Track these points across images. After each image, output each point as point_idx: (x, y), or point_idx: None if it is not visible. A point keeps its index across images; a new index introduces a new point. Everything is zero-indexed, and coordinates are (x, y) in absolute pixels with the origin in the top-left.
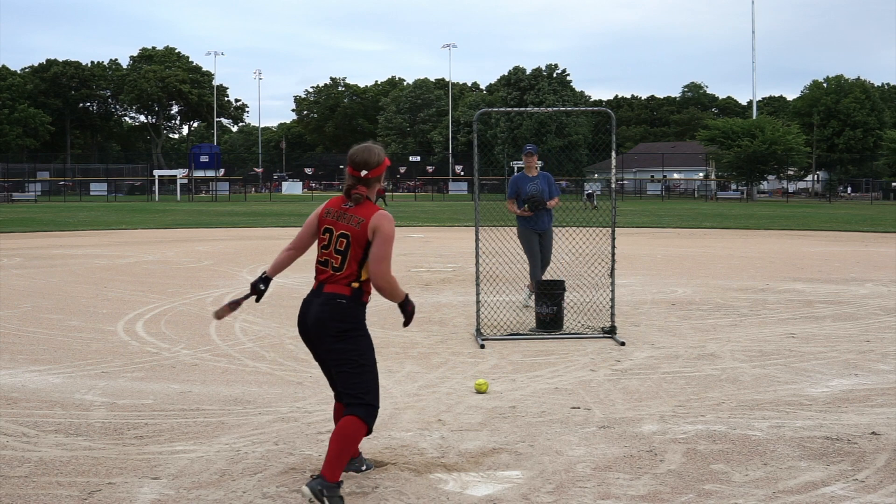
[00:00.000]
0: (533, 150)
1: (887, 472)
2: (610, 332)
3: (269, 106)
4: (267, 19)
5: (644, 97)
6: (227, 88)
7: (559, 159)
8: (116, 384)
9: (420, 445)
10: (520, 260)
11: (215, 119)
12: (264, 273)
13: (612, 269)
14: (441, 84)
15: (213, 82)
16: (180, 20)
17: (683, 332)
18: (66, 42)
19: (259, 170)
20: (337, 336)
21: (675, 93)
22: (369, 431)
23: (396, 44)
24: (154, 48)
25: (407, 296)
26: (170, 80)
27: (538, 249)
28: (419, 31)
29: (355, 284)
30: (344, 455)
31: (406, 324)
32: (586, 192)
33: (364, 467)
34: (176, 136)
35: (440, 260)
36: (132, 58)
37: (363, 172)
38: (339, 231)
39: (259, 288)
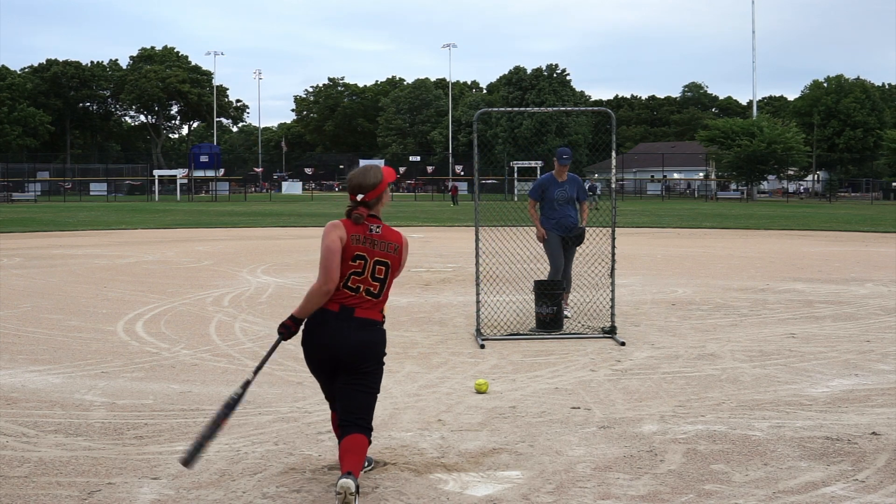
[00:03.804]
0: (567, 161)
1: (887, 472)
2: (610, 332)
3: (270, 106)
4: (267, 19)
5: (644, 97)
6: (227, 89)
7: None
8: (116, 384)
9: (420, 445)
10: (520, 260)
11: (215, 119)
12: (293, 316)
13: (612, 269)
14: (441, 84)
15: (213, 82)
16: (181, 20)
17: (683, 332)
18: (66, 42)
19: (259, 170)
20: (378, 361)
21: (675, 93)
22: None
23: (397, 44)
24: (153, 48)
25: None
26: (170, 80)
27: (560, 253)
28: (420, 31)
29: (384, 311)
30: (362, 463)
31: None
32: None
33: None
34: (176, 136)
35: (440, 260)
36: (132, 58)
37: (359, 197)
38: (376, 258)
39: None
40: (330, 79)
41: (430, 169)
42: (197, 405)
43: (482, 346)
